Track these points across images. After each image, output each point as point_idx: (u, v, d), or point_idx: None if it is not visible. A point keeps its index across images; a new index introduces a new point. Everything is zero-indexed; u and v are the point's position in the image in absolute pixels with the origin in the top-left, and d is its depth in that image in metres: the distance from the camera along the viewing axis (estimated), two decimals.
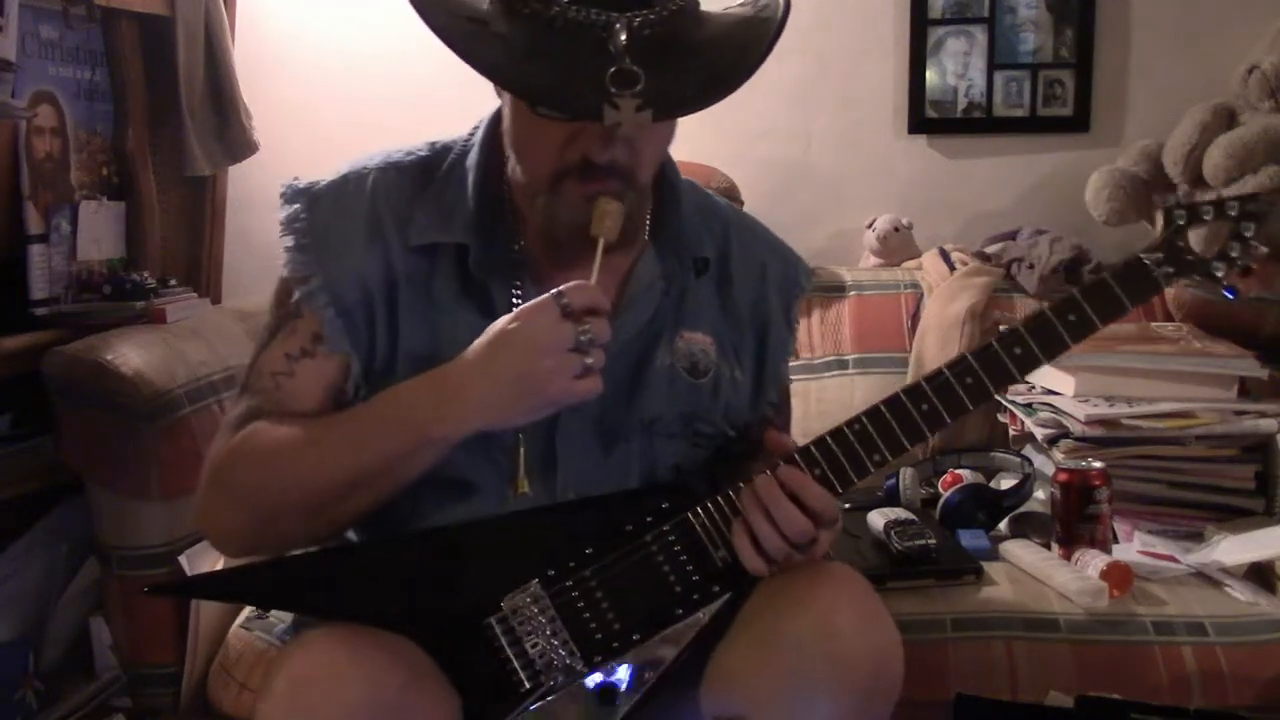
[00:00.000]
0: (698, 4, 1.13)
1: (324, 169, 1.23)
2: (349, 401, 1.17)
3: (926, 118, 2.46)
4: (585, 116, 1.04)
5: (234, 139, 2.23)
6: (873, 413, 1.14)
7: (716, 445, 1.27)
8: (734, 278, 1.30)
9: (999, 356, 1.14)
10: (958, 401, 1.14)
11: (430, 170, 1.23)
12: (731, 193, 2.29)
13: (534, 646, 1.09)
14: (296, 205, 1.20)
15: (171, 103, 2.13)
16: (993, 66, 2.43)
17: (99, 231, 2.00)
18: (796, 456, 1.14)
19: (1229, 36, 2.34)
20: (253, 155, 2.28)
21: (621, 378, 1.21)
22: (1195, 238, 1.20)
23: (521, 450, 1.16)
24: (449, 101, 2.52)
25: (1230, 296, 1.18)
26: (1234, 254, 1.16)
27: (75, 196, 1.96)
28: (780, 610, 1.10)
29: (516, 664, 1.08)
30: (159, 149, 2.17)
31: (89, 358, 1.66)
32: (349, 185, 1.20)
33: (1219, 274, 1.17)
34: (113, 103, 2.08)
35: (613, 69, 1.01)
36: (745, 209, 2.28)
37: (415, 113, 2.44)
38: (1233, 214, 1.17)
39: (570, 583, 1.11)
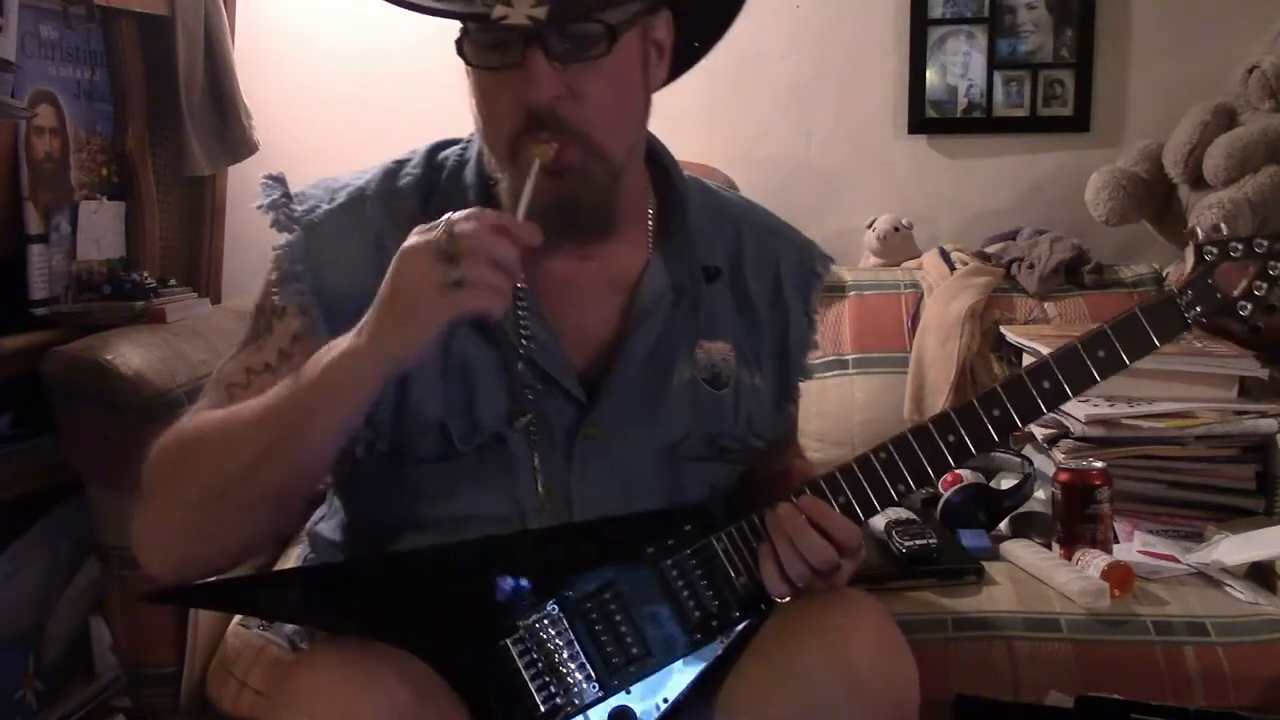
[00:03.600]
0: None
1: (324, 169, 1.22)
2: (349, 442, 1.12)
3: (926, 118, 2.46)
4: (472, 16, 1.00)
5: (234, 139, 2.22)
6: (899, 441, 1.13)
7: (748, 458, 1.25)
8: (749, 280, 1.25)
9: (1027, 390, 1.14)
10: (984, 434, 1.13)
11: (430, 188, 1.18)
12: None
13: (550, 669, 1.07)
14: (295, 234, 1.15)
15: (171, 103, 2.12)
16: (993, 66, 2.43)
17: (99, 231, 2.00)
18: (821, 483, 1.13)
19: (1229, 36, 2.34)
20: (253, 155, 2.27)
21: (637, 401, 1.17)
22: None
23: (537, 482, 1.14)
24: (449, 101, 2.53)
25: (1256, 335, 1.19)
26: (1260, 293, 1.16)
27: (75, 196, 1.96)
28: (796, 639, 1.09)
29: (532, 687, 1.07)
30: (159, 149, 2.17)
31: (89, 358, 1.66)
32: (350, 214, 1.15)
33: (1245, 313, 1.17)
34: (113, 103, 2.07)
35: None
36: None
37: (415, 112, 2.43)
38: (1261, 251, 1.16)
39: (589, 604, 1.09)
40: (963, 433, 1.13)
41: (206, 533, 1.07)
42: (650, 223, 1.21)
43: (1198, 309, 1.16)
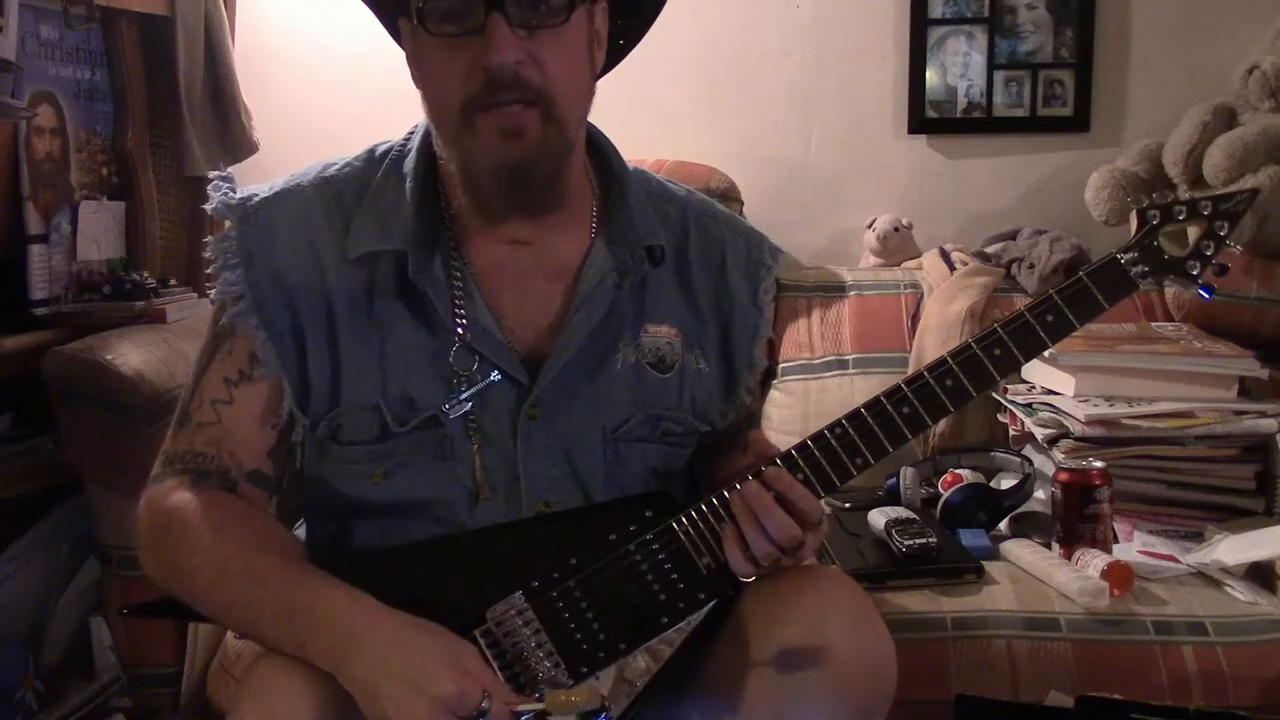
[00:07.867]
0: None
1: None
2: (287, 429, 1.15)
3: (926, 118, 2.46)
4: None
5: (234, 139, 2.23)
6: (854, 416, 1.13)
7: (694, 443, 1.26)
8: (694, 264, 1.26)
9: (978, 358, 1.14)
10: (938, 404, 1.13)
11: (367, 180, 1.20)
12: (731, 193, 2.29)
13: (518, 659, 1.08)
14: (226, 222, 1.17)
15: (171, 103, 2.13)
16: (993, 66, 2.43)
17: (99, 231, 2.00)
18: (778, 461, 1.13)
19: (1229, 36, 2.34)
20: (253, 155, 2.28)
21: (579, 382, 1.18)
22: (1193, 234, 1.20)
23: (478, 463, 1.15)
24: None
25: (1206, 296, 1.19)
26: (1209, 253, 1.17)
27: (75, 196, 1.96)
28: (770, 617, 1.10)
29: (502, 677, 1.07)
30: (159, 149, 2.17)
31: (89, 358, 1.66)
32: (283, 204, 1.18)
33: (1194, 273, 1.17)
34: (113, 103, 2.08)
35: None
36: (745, 209, 2.31)
37: (415, 112, 2.44)
38: (1206, 213, 1.17)
39: (555, 593, 1.10)
40: (916, 403, 1.13)
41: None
42: (594, 209, 1.23)
43: (1144, 269, 1.16)
